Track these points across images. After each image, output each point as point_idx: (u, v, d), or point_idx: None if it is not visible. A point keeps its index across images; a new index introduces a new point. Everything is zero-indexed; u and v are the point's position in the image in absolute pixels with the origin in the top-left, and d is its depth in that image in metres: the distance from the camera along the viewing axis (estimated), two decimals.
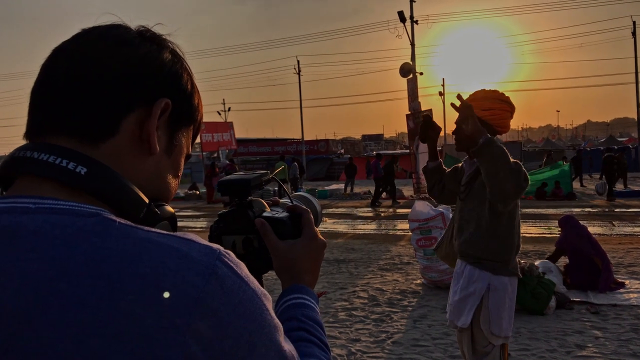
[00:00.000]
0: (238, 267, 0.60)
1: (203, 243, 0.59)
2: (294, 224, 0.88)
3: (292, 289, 0.83)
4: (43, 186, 0.61)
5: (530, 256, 7.70)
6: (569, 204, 15.62)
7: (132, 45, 0.67)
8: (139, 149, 0.66)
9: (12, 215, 0.57)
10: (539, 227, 11.53)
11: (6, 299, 0.53)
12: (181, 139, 0.73)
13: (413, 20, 21.71)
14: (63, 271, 0.53)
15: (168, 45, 0.72)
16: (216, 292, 0.55)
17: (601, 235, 9.83)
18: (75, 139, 0.63)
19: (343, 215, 15.20)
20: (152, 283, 0.53)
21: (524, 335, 4.62)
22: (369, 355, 4.31)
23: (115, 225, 0.58)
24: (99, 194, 0.61)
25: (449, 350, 4.29)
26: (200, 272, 0.56)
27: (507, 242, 2.73)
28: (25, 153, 0.62)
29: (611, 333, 4.66)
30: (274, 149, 38.82)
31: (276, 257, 0.86)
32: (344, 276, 7.11)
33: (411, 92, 18.34)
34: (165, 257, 0.55)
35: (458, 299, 2.82)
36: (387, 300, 5.91)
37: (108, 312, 0.52)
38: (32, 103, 0.66)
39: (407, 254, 8.41)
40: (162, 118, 0.67)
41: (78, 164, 0.61)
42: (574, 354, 4.20)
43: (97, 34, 0.68)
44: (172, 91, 0.69)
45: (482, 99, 2.77)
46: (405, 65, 19.07)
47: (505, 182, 2.48)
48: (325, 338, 0.79)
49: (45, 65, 0.67)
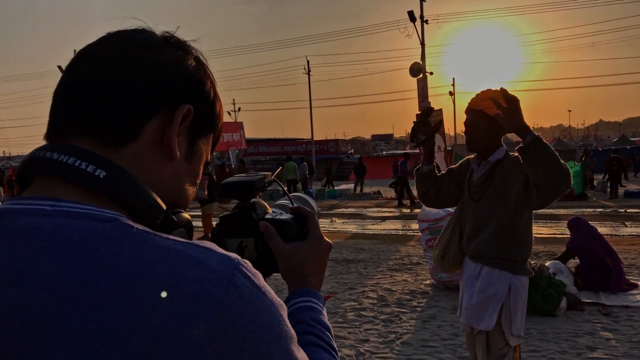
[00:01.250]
0: (255, 277, 0.59)
1: (221, 252, 0.59)
2: (299, 226, 0.87)
3: (299, 292, 0.83)
4: (61, 188, 0.60)
5: (541, 257, 7.64)
6: (580, 204, 15.50)
7: (157, 50, 0.67)
8: (159, 154, 0.66)
9: (28, 217, 0.57)
10: (549, 228, 11.45)
11: (21, 301, 0.52)
12: (201, 146, 0.72)
13: (423, 19, 21.61)
14: (80, 276, 0.53)
15: (192, 52, 0.71)
16: (234, 302, 0.55)
17: (613, 236, 9.74)
18: (96, 142, 0.63)
19: (352, 215, 15.18)
20: (170, 292, 0.53)
21: (534, 337, 4.59)
22: (378, 355, 4.30)
23: (133, 231, 0.57)
24: (116, 199, 0.61)
25: (458, 351, 4.27)
26: (219, 281, 0.55)
27: (526, 242, 2.71)
28: (45, 153, 0.62)
29: (623, 335, 4.61)
30: (283, 149, 38.85)
31: (282, 260, 0.85)
32: (353, 276, 7.10)
33: (421, 92, 18.25)
34: (183, 266, 0.55)
35: (477, 302, 2.75)
36: (396, 300, 5.89)
37: (125, 320, 0.51)
38: (55, 104, 0.66)
39: (416, 255, 8.39)
40: (184, 124, 0.67)
41: (97, 167, 0.60)
42: (585, 356, 4.16)
43: (122, 37, 0.67)
44: (195, 98, 0.68)
45: (491, 99, 2.74)
46: (415, 65, 18.97)
47: (558, 177, 2.44)
48: (333, 342, 0.79)
49: (69, 67, 0.67)
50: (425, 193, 2.97)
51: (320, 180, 30.09)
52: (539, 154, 2.43)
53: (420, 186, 2.98)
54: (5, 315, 0.52)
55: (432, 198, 2.98)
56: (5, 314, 0.52)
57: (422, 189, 2.97)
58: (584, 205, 15.50)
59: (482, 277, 2.76)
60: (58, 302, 0.52)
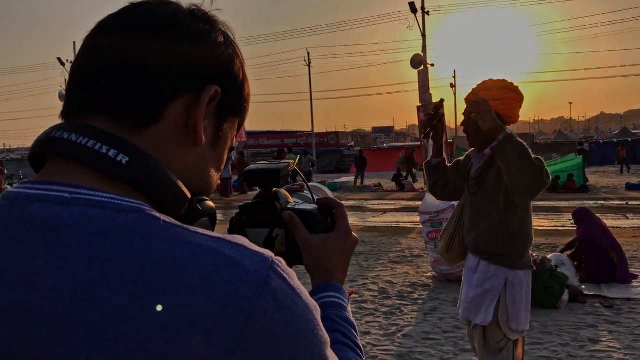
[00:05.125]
0: (290, 278, 0.55)
1: (254, 249, 0.54)
2: (324, 217, 0.83)
3: (326, 287, 0.79)
4: (79, 173, 0.55)
5: (543, 249, 7.62)
6: (581, 197, 15.47)
7: (183, 25, 0.61)
8: (183, 139, 0.61)
9: (45, 205, 0.52)
10: (551, 220, 11.42)
11: (37, 300, 0.48)
12: (227, 130, 0.67)
13: (424, 11, 21.52)
14: (102, 275, 0.48)
15: (220, 27, 0.66)
16: (269, 306, 0.51)
17: (615, 229, 9.71)
18: (116, 123, 0.58)
19: (353, 207, 15.16)
20: (201, 295, 0.48)
21: (536, 330, 4.58)
22: (379, 348, 4.29)
23: (160, 225, 0.52)
24: (140, 187, 0.56)
25: (459, 344, 4.26)
26: (253, 283, 0.51)
27: (522, 236, 2.68)
28: (62, 134, 0.56)
29: (625, 327, 4.60)
30: (284, 142, 38.84)
31: (307, 252, 0.81)
32: (354, 269, 7.08)
33: (422, 84, 18.21)
34: (215, 266, 0.50)
35: (474, 296, 2.76)
36: (398, 293, 5.88)
37: (151, 326, 0.47)
38: (72, 80, 0.61)
39: (417, 247, 8.37)
40: (210, 107, 0.62)
41: (120, 152, 0.55)
42: (587, 349, 4.15)
43: (145, 9, 0.61)
44: (223, 78, 0.63)
45: (491, 89, 2.70)
46: (416, 56, 18.93)
47: (527, 177, 2.42)
48: (358, 340, 0.76)
49: (88, 40, 0.61)
50: (434, 185, 3.01)
51: (321, 172, 30.06)
52: (509, 152, 2.42)
53: (430, 179, 3.02)
54: (22, 316, 0.48)
55: (440, 191, 3.00)
56: (22, 314, 0.48)
57: (431, 181, 3.02)
58: (586, 197, 15.46)
59: (479, 271, 2.76)
60: (78, 302, 0.47)
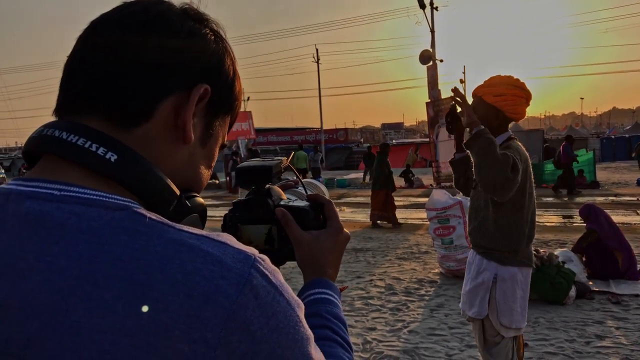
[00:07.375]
0: (273, 275, 0.56)
1: (237, 247, 0.56)
2: (316, 214, 0.84)
3: (316, 283, 0.80)
4: (69, 171, 0.57)
5: (551, 245, 7.57)
6: (592, 193, 15.35)
7: (175, 24, 0.63)
8: (172, 137, 0.62)
9: (35, 202, 0.54)
10: (559, 217, 11.35)
11: (29, 294, 0.50)
12: (217, 127, 0.68)
13: (433, 6, 21.42)
14: (89, 271, 0.50)
15: (212, 26, 0.67)
16: (250, 303, 0.52)
17: (625, 225, 9.64)
18: (107, 121, 0.59)
19: (361, 204, 15.15)
20: (183, 291, 0.50)
21: (543, 325, 4.57)
22: (385, 343, 4.30)
23: (146, 222, 0.54)
24: (128, 184, 0.58)
25: (465, 340, 4.26)
26: (234, 281, 0.52)
27: (514, 232, 2.68)
28: (53, 132, 0.58)
29: (632, 324, 4.58)
30: (293, 139, 38.82)
31: (300, 249, 0.82)
32: (361, 265, 7.10)
33: (431, 80, 18.16)
34: (197, 263, 0.52)
35: (469, 289, 2.82)
36: (404, 289, 5.89)
37: (135, 320, 0.49)
38: (65, 78, 0.62)
39: (425, 243, 8.36)
40: (200, 105, 0.63)
41: (109, 150, 0.57)
42: (594, 345, 4.13)
43: (138, 8, 0.63)
44: (213, 76, 0.64)
45: (495, 85, 2.71)
46: (425, 52, 18.88)
47: (491, 172, 2.43)
48: (348, 336, 0.77)
49: (81, 38, 0.63)
50: (457, 181, 3.05)
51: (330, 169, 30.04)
52: (475, 147, 2.46)
53: (454, 174, 3.06)
54: (14, 309, 0.50)
55: (463, 185, 3.03)
56: (14, 308, 0.51)
57: (455, 176, 3.06)
58: (596, 193, 15.34)
59: (474, 264, 2.81)
60: (66, 297, 0.50)
